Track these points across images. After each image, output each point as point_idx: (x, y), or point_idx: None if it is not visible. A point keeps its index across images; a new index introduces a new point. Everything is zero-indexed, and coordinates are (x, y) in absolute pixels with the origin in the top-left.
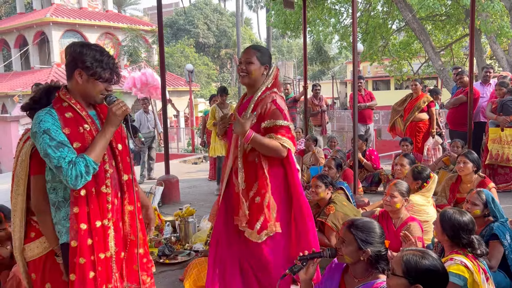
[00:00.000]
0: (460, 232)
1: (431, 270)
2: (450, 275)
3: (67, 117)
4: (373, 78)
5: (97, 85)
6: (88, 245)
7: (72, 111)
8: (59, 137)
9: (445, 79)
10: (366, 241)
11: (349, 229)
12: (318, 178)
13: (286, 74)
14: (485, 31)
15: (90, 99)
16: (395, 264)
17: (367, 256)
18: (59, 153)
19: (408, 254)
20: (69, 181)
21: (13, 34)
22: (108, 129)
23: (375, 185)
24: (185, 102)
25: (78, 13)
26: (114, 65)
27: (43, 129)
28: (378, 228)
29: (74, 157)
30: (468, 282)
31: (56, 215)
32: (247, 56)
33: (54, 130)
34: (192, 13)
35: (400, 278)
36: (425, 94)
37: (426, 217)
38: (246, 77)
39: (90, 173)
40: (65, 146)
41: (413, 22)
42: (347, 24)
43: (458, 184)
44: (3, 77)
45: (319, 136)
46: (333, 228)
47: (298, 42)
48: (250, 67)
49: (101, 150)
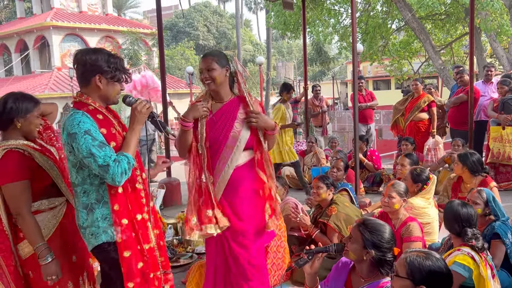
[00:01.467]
0: (453, 222)
1: (435, 271)
2: (455, 265)
3: (100, 119)
4: (374, 78)
5: (116, 86)
6: (132, 238)
7: (102, 114)
8: (99, 137)
9: (446, 78)
10: (372, 243)
11: (359, 227)
12: (320, 179)
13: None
14: (485, 29)
15: (109, 101)
16: (399, 265)
17: (370, 257)
18: (103, 152)
19: (412, 256)
20: (116, 178)
21: (13, 39)
22: (137, 127)
23: (377, 185)
24: (186, 104)
25: (78, 17)
26: (124, 65)
27: (84, 130)
28: (388, 233)
29: (116, 155)
30: (474, 275)
31: (88, 218)
32: (207, 64)
33: (94, 130)
34: (192, 16)
35: (404, 279)
36: (426, 93)
37: (428, 219)
38: (212, 84)
39: (131, 169)
40: (106, 145)
41: (412, 22)
42: (346, 24)
43: (460, 183)
44: (4, 82)
45: (320, 137)
46: (335, 229)
47: (298, 43)
48: (213, 74)
49: (134, 147)
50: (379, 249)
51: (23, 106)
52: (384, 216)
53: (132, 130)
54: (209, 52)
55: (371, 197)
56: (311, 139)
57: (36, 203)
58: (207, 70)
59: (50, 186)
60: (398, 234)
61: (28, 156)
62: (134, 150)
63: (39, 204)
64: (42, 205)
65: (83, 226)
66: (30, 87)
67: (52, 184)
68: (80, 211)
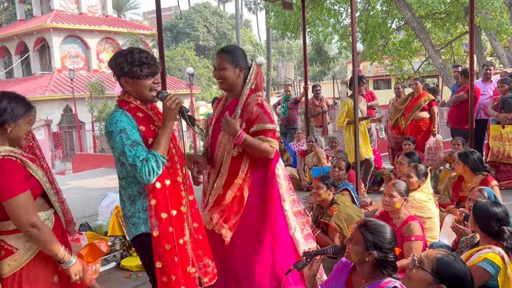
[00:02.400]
0: (490, 221)
1: (460, 277)
2: (485, 262)
3: (140, 116)
4: (374, 77)
5: (144, 83)
6: (170, 232)
7: (142, 111)
8: (133, 136)
9: (446, 77)
10: (374, 244)
11: (360, 229)
12: (320, 180)
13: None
14: (484, 28)
15: (144, 99)
16: (427, 259)
17: (372, 259)
18: (134, 152)
19: (443, 254)
20: (144, 177)
21: (13, 41)
22: (168, 124)
23: (378, 184)
24: (186, 105)
25: (78, 18)
26: (147, 57)
27: (120, 129)
28: (389, 233)
29: (146, 154)
30: (500, 274)
31: (131, 208)
32: (219, 62)
33: (129, 129)
34: (192, 16)
35: (427, 273)
36: (426, 92)
37: (429, 214)
38: (223, 83)
39: (161, 167)
40: (139, 144)
41: (412, 21)
42: (346, 24)
43: (461, 183)
44: (4, 84)
45: (320, 137)
46: (337, 229)
47: (298, 43)
48: (225, 73)
49: (165, 144)
50: (381, 250)
51: (17, 109)
52: (385, 216)
53: (164, 127)
54: (225, 49)
55: (372, 196)
56: (312, 139)
57: None
58: (219, 69)
59: (39, 198)
60: (399, 233)
61: (21, 164)
62: (164, 147)
63: None
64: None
65: (127, 216)
66: (31, 89)
67: (41, 196)
68: (126, 201)
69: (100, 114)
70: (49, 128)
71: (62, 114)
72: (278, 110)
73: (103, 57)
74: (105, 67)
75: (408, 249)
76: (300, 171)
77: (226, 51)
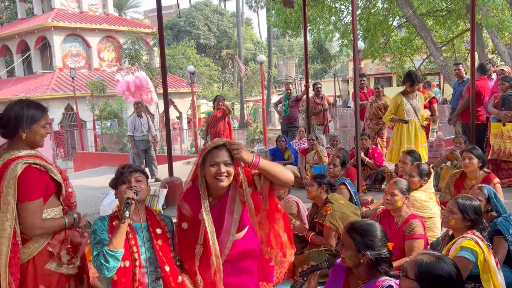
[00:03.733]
0: (479, 215)
1: (444, 278)
2: (462, 251)
3: (113, 225)
4: (375, 75)
5: (121, 188)
6: None
7: (118, 220)
8: (99, 237)
9: (447, 75)
10: (365, 245)
11: (348, 233)
12: (312, 177)
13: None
14: (486, 25)
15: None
16: (409, 266)
17: (367, 259)
18: (93, 250)
19: (423, 258)
20: (98, 271)
21: (15, 40)
22: (121, 224)
23: (379, 182)
24: (188, 103)
25: (79, 17)
26: (123, 169)
27: (92, 231)
28: (379, 231)
29: (99, 251)
30: (479, 260)
31: None
32: (225, 158)
33: (99, 231)
34: (193, 15)
35: (411, 281)
36: (426, 90)
37: (430, 214)
38: (226, 180)
39: (110, 261)
40: (101, 243)
41: (413, 18)
42: (347, 22)
43: (463, 180)
44: (5, 83)
45: (322, 135)
46: (332, 228)
47: (299, 41)
48: (231, 169)
49: (116, 238)
50: (373, 249)
51: (29, 115)
52: (386, 214)
53: (119, 223)
54: (226, 143)
55: (373, 194)
56: (313, 137)
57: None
58: (224, 164)
59: (53, 196)
60: (401, 231)
61: (44, 170)
62: (115, 242)
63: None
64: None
65: None
66: (32, 88)
67: (55, 193)
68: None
69: (102, 112)
70: (51, 127)
71: (64, 113)
72: (279, 109)
73: (104, 56)
74: (106, 66)
75: (409, 247)
76: (301, 169)
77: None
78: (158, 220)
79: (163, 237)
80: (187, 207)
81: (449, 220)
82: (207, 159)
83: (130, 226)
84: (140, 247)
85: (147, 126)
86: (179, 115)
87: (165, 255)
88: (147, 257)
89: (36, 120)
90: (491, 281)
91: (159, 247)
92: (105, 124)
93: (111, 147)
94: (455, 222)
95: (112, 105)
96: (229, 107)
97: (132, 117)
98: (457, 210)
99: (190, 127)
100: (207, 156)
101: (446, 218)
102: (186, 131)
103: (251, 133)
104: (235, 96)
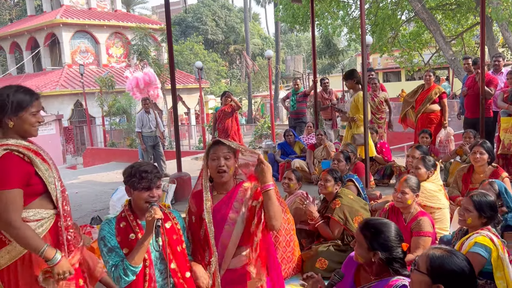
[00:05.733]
0: (495, 211)
1: (456, 272)
2: (476, 246)
3: (120, 227)
4: (384, 70)
5: (139, 197)
6: None
7: (126, 221)
8: (110, 244)
9: (457, 69)
10: (377, 244)
11: (361, 231)
12: (329, 173)
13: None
14: (496, 19)
15: (140, 208)
16: (421, 260)
17: (377, 258)
18: (107, 258)
19: (435, 252)
20: (113, 281)
21: (24, 37)
22: (144, 235)
23: (387, 177)
24: (195, 99)
25: (87, 13)
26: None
27: (100, 236)
28: (393, 231)
29: (118, 261)
30: (492, 258)
31: None
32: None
33: (109, 237)
34: (200, 10)
35: (423, 275)
36: (436, 85)
37: (439, 204)
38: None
39: (129, 275)
40: (113, 251)
41: (422, 12)
42: (355, 16)
43: (471, 175)
44: (16, 79)
45: (330, 130)
46: (340, 222)
47: (306, 36)
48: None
49: (138, 255)
50: (385, 249)
51: (15, 102)
52: (394, 210)
53: (142, 238)
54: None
55: (381, 189)
56: (321, 133)
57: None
58: (224, 158)
59: (42, 196)
60: (409, 228)
61: (28, 161)
62: (136, 257)
63: (26, 213)
64: (29, 214)
65: None
66: (42, 84)
67: (45, 194)
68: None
69: (110, 108)
70: (60, 123)
71: (73, 109)
72: (286, 104)
73: (112, 52)
74: (115, 62)
75: (415, 244)
76: (310, 165)
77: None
78: (167, 213)
79: (172, 232)
80: (194, 205)
81: (465, 219)
82: (209, 154)
83: (139, 226)
84: (149, 246)
85: (155, 122)
86: (187, 111)
87: (173, 251)
88: (156, 255)
89: (23, 107)
90: (504, 279)
91: (166, 243)
92: (114, 120)
93: (120, 142)
94: (472, 220)
95: (121, 101)
96: (238, 103)
97: (140, 114)
98: (473, 208)
99: (198, 122)
100: (210, 151)
101: (462, 217)
102: (194, 126)
103: (259, 129)
104: (243, 91)
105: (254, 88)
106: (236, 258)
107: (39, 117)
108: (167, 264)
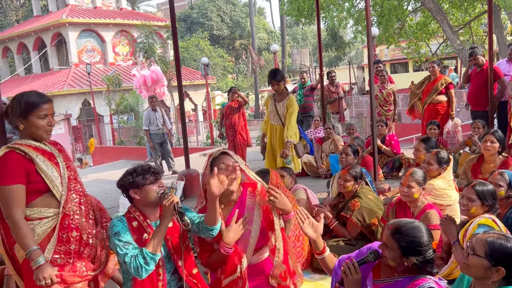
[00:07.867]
0: (496, 199)
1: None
2: (480, 228)
3: (133, 226)
4: (391, 61)
5: (150, 190)
6: None
7: (137, 221)
8: (125, 238)
9: (465, 59)
10: (411, 250)
11: (393, 236)
12: (349, 171)
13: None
14: (504, 7)
15: (153, 205)
16: (477, 244)
17: (411, 263)
18: (125, 251)
19: (493, 237)
20: (133, 272)
21: (31, 37)
22: (162, 222)
23: (396, 170)
24: (202, 95)
25: (93, 12)
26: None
27: (114, 232)
28: (425, 235)
29: (137, 251)
30: None
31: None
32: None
33: (123, 232)
34: (205, 6)
35: (481, 258)
36: (442, 75)
37: (449, 201)
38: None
39: (150, 263)
40: (130, 244)
41: (429, 2)
42: (361, 8)
43: (480, 165)
44: (23, 80)
45: (337, 123)
46: (358, 224)
47: (312, 29)
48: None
49: (157, 242)
50: (419, 253)
51: (23, 105)
52: (402, 203)
53: (159, 225)
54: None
55: (390, 182)
56: (329, 126)
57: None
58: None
59: (46, 195)
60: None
61: (29, 159)
62: (155, 244)
63: (29, 211)
64: (32, 212)
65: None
66: (49, 84)
67: (50, 193)
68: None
69: (118, 107)
70: (69, 122)
71: (81, 108)
72: None
73: (118, 50)
74: (121, 60)
75: None
76: (318, 159)
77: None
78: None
79: (175, 231)
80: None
81: (469, 208)
82: (214, 164)
83: (150, 226)
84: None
85: (162, 119)
86: (194, 107)
87: (179, 249)
88: (164, 255)
89: (31, 110)
90: None
91: (171, 242)
92: (122, 118)
93: (129, 140)
94: (475, 209)
95: (128, 99)
96: (245, 98)
97: (147, 112)
98: (476, 197)
99: (205, 118)
100: (214, 162)
101: (465, 206)
102: (202, 123)
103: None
104: (250, 86)
105: (261, 83)
106: (255, 256)
107: (49, 120)
108: (173, 264)
